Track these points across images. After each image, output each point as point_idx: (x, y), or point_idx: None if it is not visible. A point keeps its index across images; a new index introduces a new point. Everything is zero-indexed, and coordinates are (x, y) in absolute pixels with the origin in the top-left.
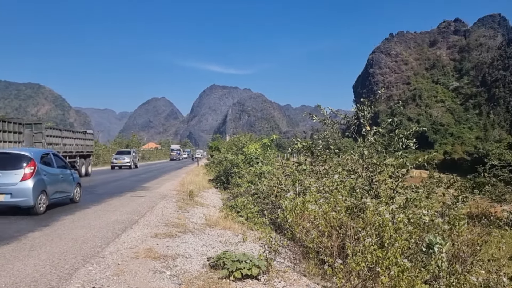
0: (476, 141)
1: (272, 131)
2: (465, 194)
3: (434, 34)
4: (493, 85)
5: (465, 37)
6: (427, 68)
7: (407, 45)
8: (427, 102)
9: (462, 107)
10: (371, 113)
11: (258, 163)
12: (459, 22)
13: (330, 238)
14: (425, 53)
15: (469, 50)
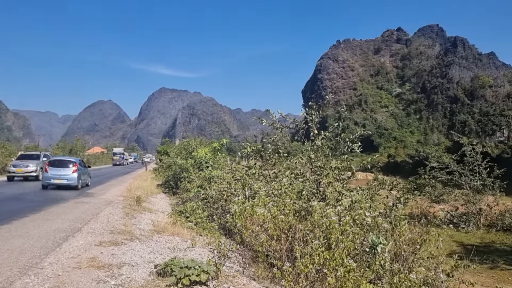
0: (417, 144)
1: (223, 135)
2: (406, 196)
3: (378, 42)
4: (432, 91)
5: (407, 45)
6: (372, 74)
7: (354, 52)
8: (372, 107)
9: (404, 112)
10: (318, 117)
11: (208, 167)
12: (401, 31)
13: (279, 241)
14: (370, 60)
15: (410, 58)
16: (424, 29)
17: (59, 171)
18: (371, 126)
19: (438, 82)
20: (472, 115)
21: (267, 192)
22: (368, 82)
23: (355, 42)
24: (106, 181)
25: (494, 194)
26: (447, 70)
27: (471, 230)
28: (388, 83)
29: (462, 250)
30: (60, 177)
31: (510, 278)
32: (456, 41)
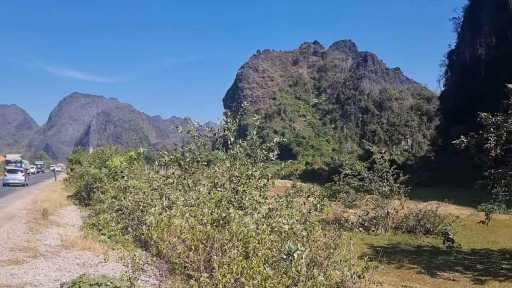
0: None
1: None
2: (323, 202)
3: (297, 54)
4: (345, 102)
5: (323, 58)
6: (291, 84)
7: (273, 62)
8: (291, 116)
9: (321, 122)
10: (235, 126)
11: (123, 177)
12: (317, 44)
13: (196, 252)
14: (289, 70)
15: (326, 70)
16: (338, 43)
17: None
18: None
19: (351, 93)
20: (381, 125)
21: (185, 202)
22: (287, 92)
23: (274, 53)
24: (8, 193)
25: (400, 199)
26: (358, 82)
27: (380, 232)
28: (305, 93)
29: (372, 252)
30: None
31: (413, 276)
32: (367, 56)
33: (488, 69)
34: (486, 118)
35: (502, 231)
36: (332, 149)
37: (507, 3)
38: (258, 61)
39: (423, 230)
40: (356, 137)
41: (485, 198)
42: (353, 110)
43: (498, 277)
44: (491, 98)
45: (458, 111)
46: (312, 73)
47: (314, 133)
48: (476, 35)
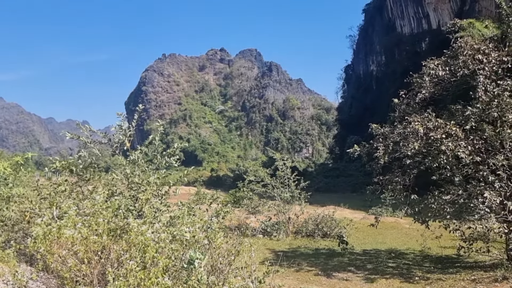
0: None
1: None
2: (226, 209)
3: (203, 60)
4: (251, 110)
5: (229, 65)
6: (197, 90)
7: (179, 67)
8: (197, 122)
9: (227, 129)
10: (132, 130)
11: (7, 184)
12: (224, 51)
13: (89, 264)
14: (195, 76)
15: (232, 77)
16: (244, 52)
17: None
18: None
19: (256, 102)
20: (284, 133)
21: (78, 211)
22: (193, 98)
23: (181, 58)
24: None
25: (300, 204)
26: (264, 91)
27: (282, 237)
28: (212, 100)
29: (273, 257)
30: None
31: (311, 278)
32: (272, 66)
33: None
34: (375, 129)
35: (389, 232)
36: (237, 156)
37: (395, 26)
38: (163, 65)
39: (321, 233)
40: (261, 144)
41: (375, 202)
42: (258, 118)
43: (385, 275)
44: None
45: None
46: (219, 80)
47: (219, 140)
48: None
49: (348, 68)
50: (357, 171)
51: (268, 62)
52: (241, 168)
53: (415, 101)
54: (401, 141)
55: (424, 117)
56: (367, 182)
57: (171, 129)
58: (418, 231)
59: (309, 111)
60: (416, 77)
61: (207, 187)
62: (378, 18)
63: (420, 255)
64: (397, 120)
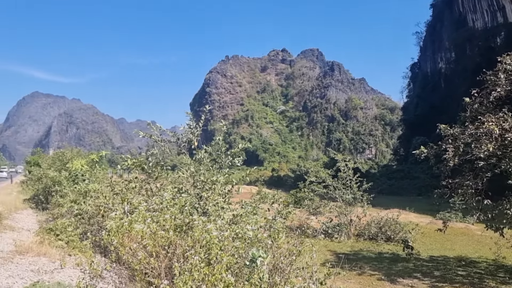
0: (299, 159)
1: (104, 146)
2: (288, 209)
3: (265, 61)
4: (312, 110)
5: (291, 66)
6: (259, 91)
7: (242, 68)
8: (258, 122)
9: (288, 129)
10: (199, 130)
11: (84, 180)
12: (286, 52)
13: (157, 258)
14: (257, 77)
15: (294, 78)
16: (306, 52)
17: None
18: (257, 141)
19: (317, 102)
20: (346, 134)
21: (148, 207)
22: (255, 99)
23: (243, 59)
24: None
25: (363, 206)
26: (325, 91)
27: (343, 239)
28: (273, 100)
29: (334, 259)
30: None
31: (374, 282)
32: (334, 65)
33: (447, 82)
34: (444, 130)
35: (458, 238)
36: (298, 156)
37: (466, 21)
38: (226, 67)
39: (384, 237)
40: (322, 145)
41: (443, 206)
42: (319, 118)
43: (454, 283)
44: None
45: (419, 121)
46: (280, 81)
47: (280, 140)
48: (437, 49)
49: (414, 66)
50: (423, 173)
51: (330, 61)
52: (302, 169)
53: (489, 100)
54: (472, 142)
55: (499, 117)
56: (434, 185)
57: (233, 129)
58: (491, 239)
59: (372, 111)
60: (490, 74)
61: (268, 186)
62: (447, 12)
63: (494, 264)
64: (468, 120)
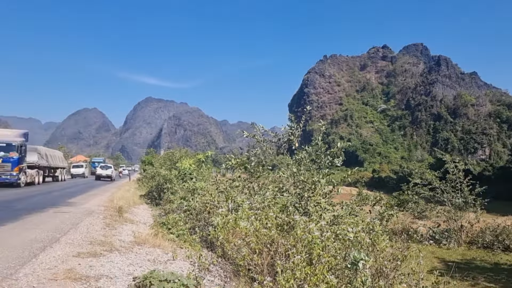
0: (401, 160)
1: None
2: (390, 212)
3: (364, 59)
4: (416, 108)
5: (392, 63)
6: (358, 90)
7: (340, 68)
8: (358, 122)
9: (389, 128)
10: (300, 131)
11: (192, 179)
12: (386, 48)
13: (260, 255)
14: (356, 76)
15: (395, 75)
16: (409, 47)
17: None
18: (356, 141)
19: (422, 99)
20: (454, 133)
21: (250, 205)
22: (354, 98)
23: (341, 58)
24: (88, 190)
25: (475, 211)
26: (431, 88)
27: (453, 246)
28: (373, 99)
29: (443, 267)
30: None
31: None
32: (440, 60)
33: None
34: None
35: None
36: (400, 157)
37: None
38: (324, 66)
39: (501, 246)
40: (427, 145)
41: None
42: (424, 117)
43: None
44: None
45: None
46: (381, 78)
47: (381, 140)
48: None
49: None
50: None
51: (435, 56)
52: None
53: None
54: None
55: None
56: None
57: (332, 129)
58: None
59: (486, 107)
60: None
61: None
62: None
63: None
64: None
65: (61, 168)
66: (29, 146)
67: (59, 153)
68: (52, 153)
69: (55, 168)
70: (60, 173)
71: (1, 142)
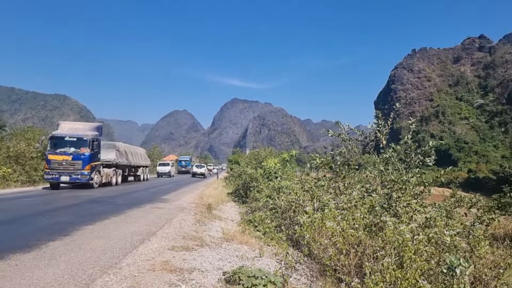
0: (502, 160)
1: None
2: (491, 215)
3: (458, 51)
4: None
5: (490, 53)
6: (451, 84)
7: (430, 61)
8: (451, 119)
9: (487, 125)
10: (387, 129)
11: (277, 177)
12: (483, 38)
13: (347, 256)
14: (449, 69)
15: (494, 67)
16: (510, 36)
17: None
18: (449, 139)
19: None
20: None
21: (337, 205)
22: (446, 93)
23: (432, 51)
24: (179, 188)
25: None
26: None
27: None
28: (468, 93)
29: None
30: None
31: None
32: None
33: None
34: None
35: None
36: (501, 156)
37: None
38: (413, 61)
39: None
40: None
41: None
42: None
43: None
44: None
45: None
46: (477, 71)
47: (478, 138)
48: None
49: None
50: None
51: None
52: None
53: None
54: None
55: None
56: None
57: (421, 127)
58: None
59: None
60: None
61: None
62: None
63: None
64: None
65: (143, 166)
66: (106, 142)
67: (141, 150)
68: (133, 150)
69: (137, 166)
70: (142, 172)
71: (71, 136)
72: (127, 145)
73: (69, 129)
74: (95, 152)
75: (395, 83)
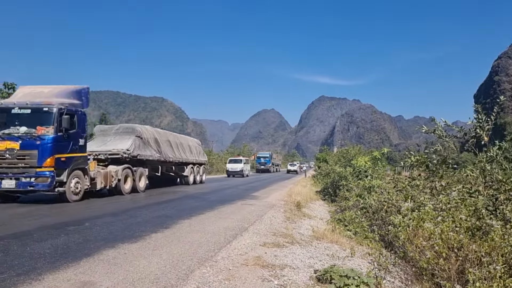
0: None
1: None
2: None
3: None
4: None
5: None
6: None
7: None
8: None
9: None
10: (490, 125)
11: (367, 176)
12: None
13: (447, 260)
14: None
15: None
16: None
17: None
18: None
19: None
20: None
21: (434, 205)
22: None
23: None
24: (268, 185)
25: None
26: None
27: None
28: None
29: None
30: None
31: None
32: None
33: None
34: None
35: None
36: None
37: None
38: None
39: None
40: None
41: None
42: None
43: None
44: None
45: None
46: None
47: None
48: None
49: None
50: None
51: None
52: None
53: None
54: None
55: None
56: None
57: None
58: None
59: None
60: None
61: None
62: None
63: None
64: None
65: (192, 164)
66: (123, 125)
67: (190, 140)
68: (173, 139)
69: (181, 163)
70: (190, 172)
71: (22, 107)
72: (161, 131)
73: (24, 95)
74: (71, 135)
75: (498, 74)
